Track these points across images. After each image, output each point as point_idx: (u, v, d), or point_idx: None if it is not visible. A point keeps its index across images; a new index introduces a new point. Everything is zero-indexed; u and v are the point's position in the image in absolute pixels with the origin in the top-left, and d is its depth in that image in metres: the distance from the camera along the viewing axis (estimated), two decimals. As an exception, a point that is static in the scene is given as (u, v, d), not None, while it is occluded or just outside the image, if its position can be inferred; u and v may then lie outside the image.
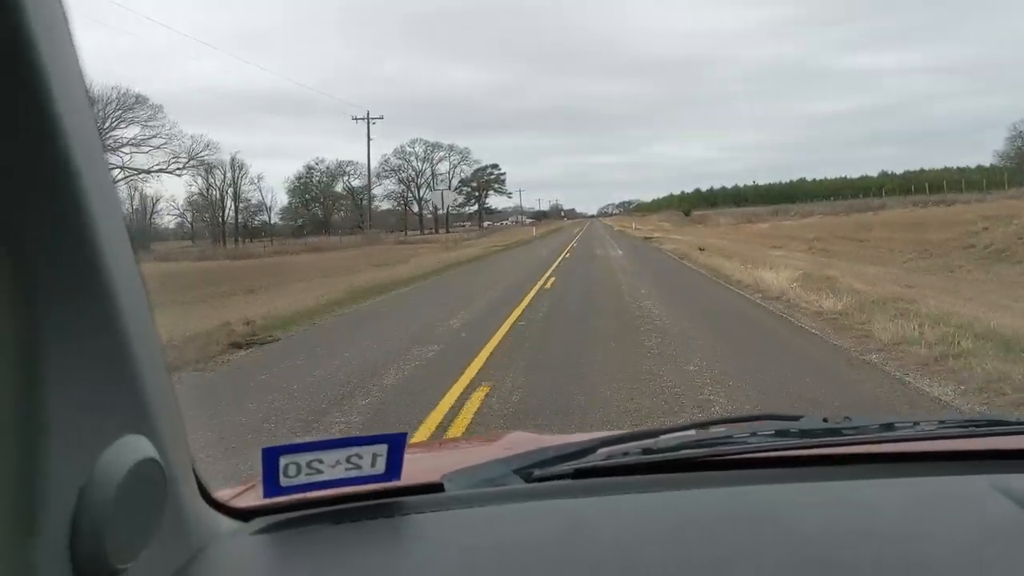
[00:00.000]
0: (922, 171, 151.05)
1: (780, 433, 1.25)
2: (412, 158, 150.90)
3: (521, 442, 1.51)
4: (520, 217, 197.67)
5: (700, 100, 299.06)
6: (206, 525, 0.90)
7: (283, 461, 0.91)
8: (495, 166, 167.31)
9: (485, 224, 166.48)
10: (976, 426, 1.28)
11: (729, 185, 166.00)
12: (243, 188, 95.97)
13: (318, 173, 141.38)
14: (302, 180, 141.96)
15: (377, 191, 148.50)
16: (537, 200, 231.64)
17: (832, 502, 1.02)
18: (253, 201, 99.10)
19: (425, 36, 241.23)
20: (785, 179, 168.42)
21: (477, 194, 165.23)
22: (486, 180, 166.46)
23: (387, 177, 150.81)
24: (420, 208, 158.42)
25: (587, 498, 1.05)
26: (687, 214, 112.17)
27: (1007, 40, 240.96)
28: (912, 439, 1.22)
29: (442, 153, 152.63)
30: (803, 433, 1.24)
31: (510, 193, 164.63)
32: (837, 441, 1.20)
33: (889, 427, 1.25)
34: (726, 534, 0.93)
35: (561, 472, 1.14)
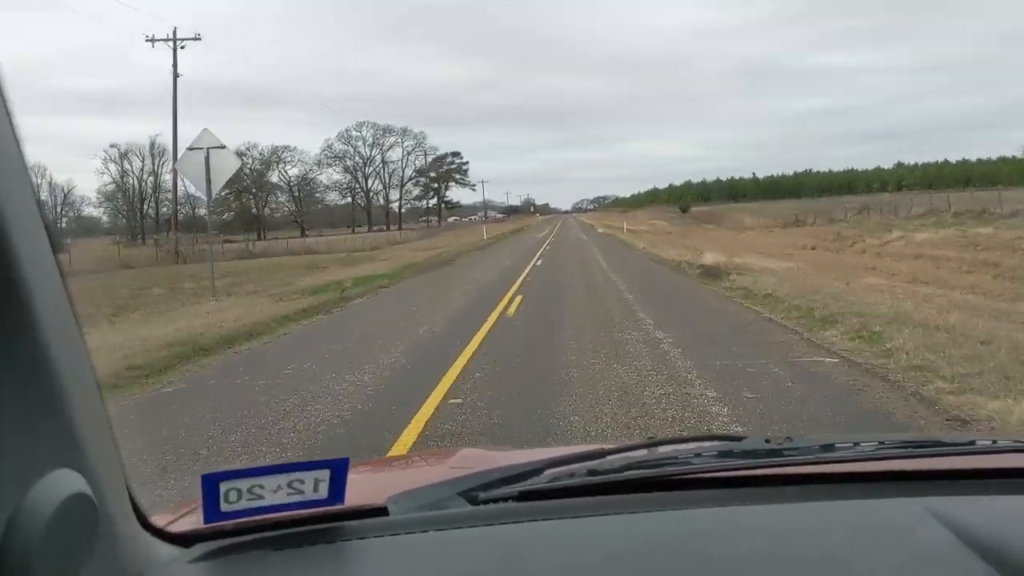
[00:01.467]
0: (945, 163, 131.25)
1: (723, 454, 1.25)
2: (359, 143, 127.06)
3: (470, 459, 1.54)
4: (488, 212, 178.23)
5: (674, 97, 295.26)
6: (144, 552, 0.87)
7: (223, 487, 0.90)
8: (456, 154, 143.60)
9: (451, 219, 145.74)
10: (914, 447, 1.30)
11: (724, 177, 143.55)
12: (164, 178, 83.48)
13: (250, 159, 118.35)
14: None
15: (321, 179, 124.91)
16: (506, 193, 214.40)
17: (772, 526, 1.03)
18: (179, 192, 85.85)
19: (394, 31, 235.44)
20: (772, 173, 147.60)
21: (435, 186, 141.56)
22: (446, 170, 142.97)
23: (330, 165, 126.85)
24: (368, 201, 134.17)
25: (532, 522, 1.04)
26: (685, 210, 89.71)
27: (979, 40, 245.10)
28: (851, 460, 1.23)
29: (394, 138, 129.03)
30: (745, 454, 1.24)
31: (473, 185, 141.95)
32: (778, 462, 1.21)
33: (829, 448, 1.26)
34: (668, 560, 0.94)
35: (506, 494, 1.12)
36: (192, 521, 1.02)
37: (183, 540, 0.96)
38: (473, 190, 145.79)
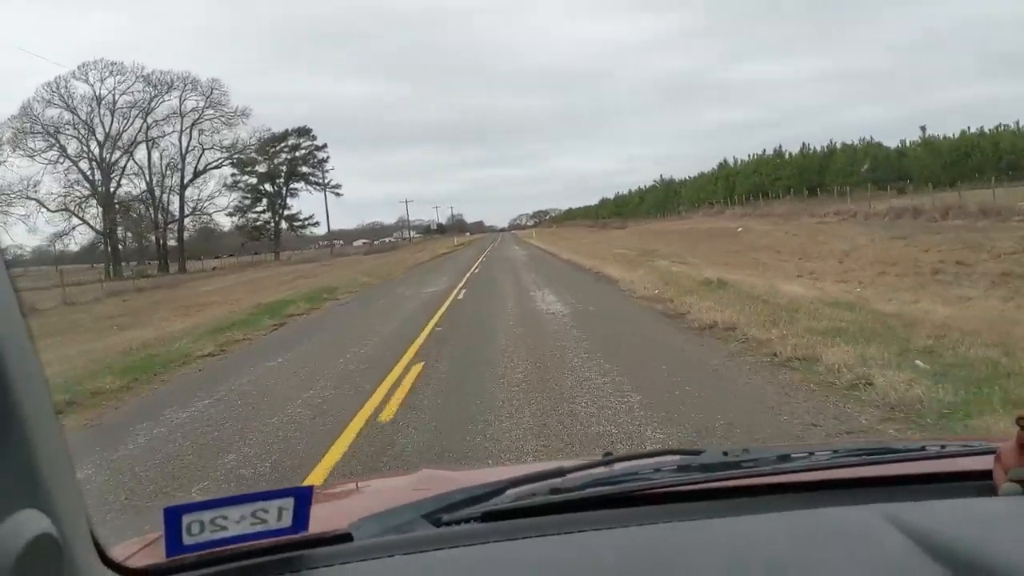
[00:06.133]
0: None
1: (682, 468, 1.28)
2: (92, 106, 61.86)
3: (431, 480, 1.57)
4: (405, 232, 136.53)
5: (599, 113, 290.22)
6: None
7: (186, 519, 0.90)
8: (304, 132, 77.57)
9: (335, 246, 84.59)
10: (868, 454, 1.33)
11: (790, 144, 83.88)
12: None
13: None
14: None
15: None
16: (404, 203, 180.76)
17: (733, 539, 1.05)
18: None
19: (313, 48, 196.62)
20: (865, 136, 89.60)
21: (270, 190, 78.16)
22: (288, 159, 79.43)
23: (31, 156, 60.41)
24: (114, 213, 69.33)
25: (496, 543, 1.06)
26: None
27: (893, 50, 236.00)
28: (807, 469, 1.26)
29: (167, 97, 63.90)
30: (704, 467, 1.26)
31: (337, 188, 78.59)
32: (736, 474, 1.23)
33: (785, 458, 1.29)
34: (632, 575, 0.96)
35: (469, 515, 1.15)
36: (153, 554, 1.03)
37: (145, 575, 0.95)
38: (338, 195, 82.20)
